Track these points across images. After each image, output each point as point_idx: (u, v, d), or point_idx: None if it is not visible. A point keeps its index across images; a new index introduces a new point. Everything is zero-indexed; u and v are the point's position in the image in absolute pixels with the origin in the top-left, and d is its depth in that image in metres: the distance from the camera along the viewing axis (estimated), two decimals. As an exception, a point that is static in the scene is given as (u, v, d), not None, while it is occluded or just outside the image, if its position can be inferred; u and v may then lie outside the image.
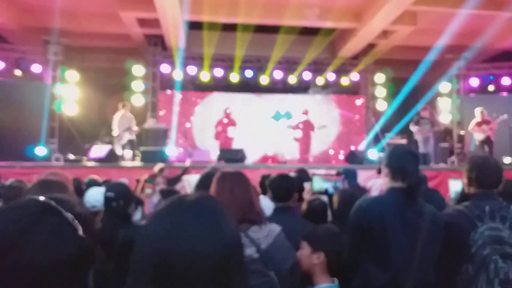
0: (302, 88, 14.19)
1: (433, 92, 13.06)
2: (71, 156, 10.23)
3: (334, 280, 2.17)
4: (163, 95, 13.27)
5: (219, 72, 13.18)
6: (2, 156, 9.36)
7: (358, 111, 14.20)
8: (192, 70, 13.08)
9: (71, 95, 12.27)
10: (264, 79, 13.34)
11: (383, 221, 2.19)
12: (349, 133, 14.06)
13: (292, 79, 13.55)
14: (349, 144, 13.73)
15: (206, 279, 0.86)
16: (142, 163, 9.40)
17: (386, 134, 12.26)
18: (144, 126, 10.70)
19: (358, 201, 2.39)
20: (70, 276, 0.90)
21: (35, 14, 11.22)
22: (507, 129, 11.04)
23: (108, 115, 11.36)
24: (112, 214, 3.16)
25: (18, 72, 11.67)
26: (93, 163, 9.43)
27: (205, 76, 13.09)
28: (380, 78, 13.98)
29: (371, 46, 13.05)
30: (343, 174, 4.43)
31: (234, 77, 13.19)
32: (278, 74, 13.44)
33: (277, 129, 13.48)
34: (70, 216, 0.94)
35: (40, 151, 10.32)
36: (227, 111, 13.40)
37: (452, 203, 2.83)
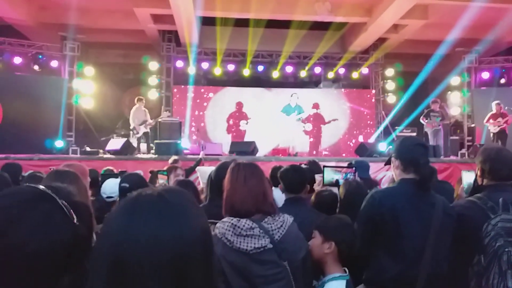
0: (313, 82, 14.33)
1: (443, 86, 13.06)
2: (88, 149, 10.44)
3: (345, 270, 2.19)
4: (177, 90, 13.49)
5: (231, 67, 13.40)
6: (22, 149, 9.50)
7: (368, 105, 14.30)
8: (205, 65, 13.32)
9: (88, 90, 12.47)
10: (275, 74, 13.51)
11: (396, 213, 2.20)
12: (359, 127, 14.14)
13: (303, 74, 13.70)
14: (359, 137, 13.82)
15: (161, 277, 0.82)
16: (157, 156, 9.55)
17: (396, 128, 12.35)
18: (159, 120, 10.88)
19: (370, 193, 2.39)
20: (64, 263, 0.90)
21: (52, 11, 11.51)
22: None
23: (124, 109, 11.59)
24: None
25: (36, 67, 11.87)
26: (109, 155, 9.62)
27: (218, 71, 13.30)
28: (390, 72, 14.03)
29: (382, 40, 13.10)
30: (354, 167, 4.41)
31: (246, 72, 13.38)
32: (289, 69, 13.60)
33: (288, 123, 13.59)
34: (65, 204, 0.94)
35: (58, 144, 10.55)
36: (239, 105, 13.59)
37: (465, 195, 2.87)
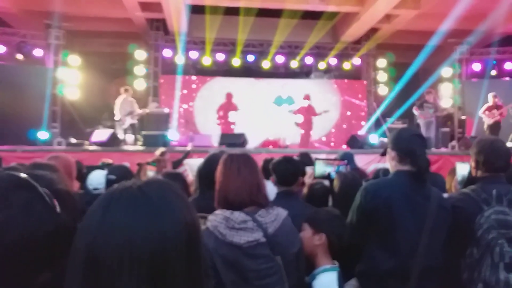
0: (304, 73, 14.16)
1: (435, 77, 13.01)
2: (73, 140, 10.21)
3: (335, 263, 2.18)
4: (165, 80, 13.23)
5: (221, 57, 13.15)
6: (4, 140, 9.29)
7: (360, 96, 14.18)
8: (194, 55, 13.03)
9: (73, 79, 12.21)
10: (266, 64, 13.30)
11: (391, 205, 2.16)
12: (350, 118, 14.05)
13: (294, 64, 13.52)
14: (350, 129, 13.72)
15: (137, 274, 0.77)
16: (144, 147, 9.38)
17: (387, 119, 12.28)
18: (146, 111, 10.69)
19: (364, 185, 2.34)
20: (44, 257, 0.86)
21: (36, -2, 11.14)
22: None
23: (110, 99, 11.34)
24: None
25: (20, 56, 11.58)
26: (95, 147, 9.42)
27: (207, 61, 13.04)
28: (382, 63, 13.93)
29: (374, 31, 12.95)
30: (346, 159, 4.38)
31: (236, 62, 13.15)
32: (280, 59, 13.40)
33: (279, 114, 13.48)
34: (47, 192, 0.89)
35: (42, 135, 10.27)
36: (229, 96, 13.38)
37: (459, 187, 2.80)
